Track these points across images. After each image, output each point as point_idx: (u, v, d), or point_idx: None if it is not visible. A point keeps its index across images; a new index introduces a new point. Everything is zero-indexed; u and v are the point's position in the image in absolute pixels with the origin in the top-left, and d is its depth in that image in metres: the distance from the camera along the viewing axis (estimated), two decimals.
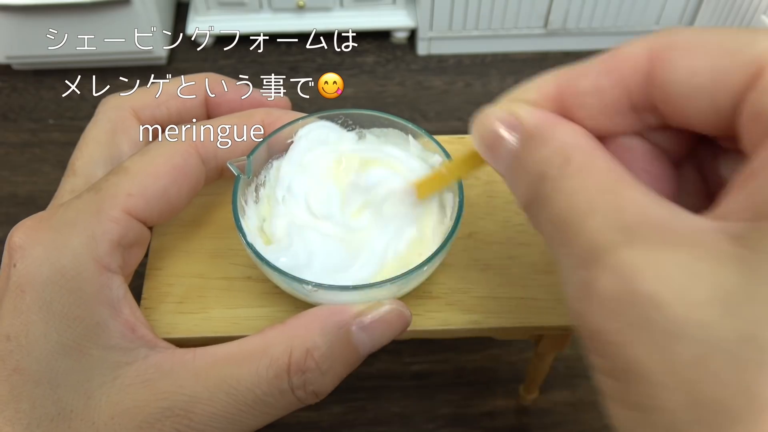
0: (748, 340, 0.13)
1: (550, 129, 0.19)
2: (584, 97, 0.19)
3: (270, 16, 0.54)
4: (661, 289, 0.14)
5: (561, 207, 0.17)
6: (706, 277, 0.14)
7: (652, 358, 0.14)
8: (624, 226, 0.16)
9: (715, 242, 0.15)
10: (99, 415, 0.23)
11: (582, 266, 0.16)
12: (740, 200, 0.15)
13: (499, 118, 0.20)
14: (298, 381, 0.24)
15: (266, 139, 0.28)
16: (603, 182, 0.17)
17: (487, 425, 0.38)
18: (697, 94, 0.17)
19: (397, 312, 0.25)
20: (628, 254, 0.15)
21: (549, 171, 0.18)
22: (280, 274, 0.24)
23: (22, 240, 0.24)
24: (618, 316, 0.15)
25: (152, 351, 0.24)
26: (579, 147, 0.18)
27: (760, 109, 0.16)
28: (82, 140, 0.29)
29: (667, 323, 0.14)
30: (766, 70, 0.16)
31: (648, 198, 0.17)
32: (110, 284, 0.25)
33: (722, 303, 0.14)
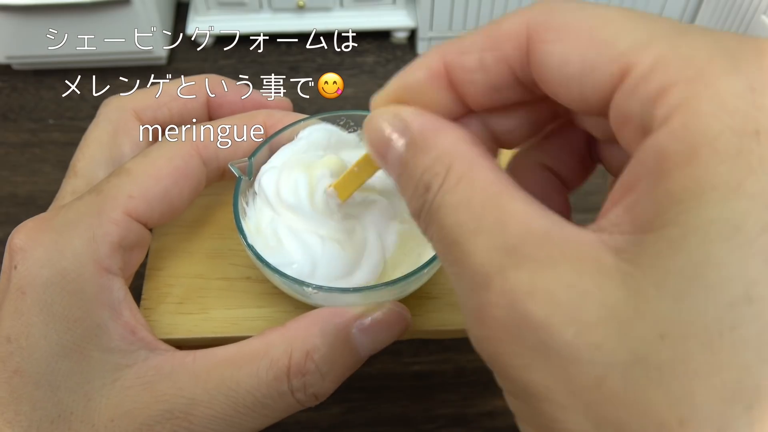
0: (639, 361, 0.13)
1: (432, 135, 0.18)
2: (470, 74, 0.19)
3: (270, 16, 0.54)
4: (551, 312, 0.15)
5: (447, 223, 0.17)
6: (593, 295, 0.14)
7: (551, 382, 0.15)
8: (509, 246, 0.16)
9: (598, 256, 0.15)
10: (99, 417, 0.23)
11: (474, 290, 0.16)
12: (619, 213, 0.15)
13: (387, 120, 0.19)
14: (297, 383, 0.24)
15: (267, 140, 0.28)
16: (486, 195, 0.17)
17: (487, 425, 0.38)
18: (568, 83, 0.17)
19: (397, 314, 0.25)
20: (515, 277, 0.15)
21: (432, 182, 0.18)
22: (281, 276, 0.24)
23: (23, 242, 0.24)
24: (513, 340, 0.15)
25: (152, 353, 0.24)
26: (460, 155, 0.18)
27: (626, 113, 0.16)
28: (84, 141, 0.29)
29: (561, 347, 0.14)
30: (631, 70, 0.16)
31: (531, 210, 0.16)
32: (111, 286, 0.25)
33: (612, 323, 0.14)
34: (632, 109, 0.15)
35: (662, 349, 0.13)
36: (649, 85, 0.15)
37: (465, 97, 0.19)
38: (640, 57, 0.15)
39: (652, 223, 0.14)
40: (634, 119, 0.16)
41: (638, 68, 0.15)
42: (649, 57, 0.15)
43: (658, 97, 0.15)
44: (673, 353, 0.13)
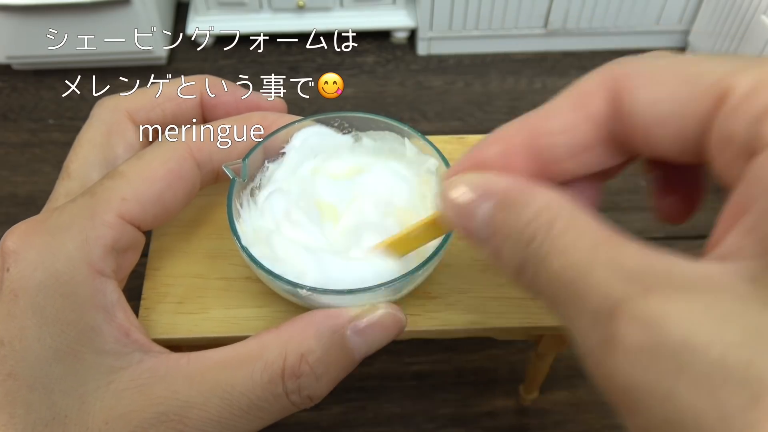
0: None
1: (528, 192, 0.18)
2: (556, 137, 0.19)
3: (270, 16, 0.54)
4: (693, 333, 0.14)
5: (558, 266, 0.17)
6: (735, 318, 0.14)
7: (699, 406, 0.14)
8: (632, 277, 0.15)
9: (732, 284, 0.14)
10: (93, 420, 0.23)
11: (599, 323, 0.16)
12: (740, 237, 0.15)
13: (469, 185, 0.19)
14: (292, 386, 0.24)
15: (262, 142, 0.28)
16: (595, 237, 0.17)
17: (487, 425, 0.38)
18: (661, 122, 0.17)
19: (392, 316, 0.25)
20: (648, 303, 0.15)
21: (537, 233, 0.17)
22: (275, 278, 0.24)
23: (15, 244, 0.24)
24: (650, 366, 0.14)
25: (146, 355, 0.24)
26: (562, 206, 0.18)
27: (728, 133, 0.16)
28: (77, 142, 0.29)
29: (708, 367, 0.14)
30: (729, 93, 0.16)
31: (643, 248, 0.16)
32: (104, 289, 0.24)
33: (760, 341, 0.13)
34: (735, 130, 0.15)
35: None
36: (752, 104, 0.15)
37: (546, 166, 0.19)
38: (737, 80, 0.15)
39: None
40: (737, 140, 0.15)
41: (738, 90, 0.15)
42: (747, 79, 0.15)
43: (765, 116, 0.15)
44: None
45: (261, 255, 0.25)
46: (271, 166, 0.29)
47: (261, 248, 0.26)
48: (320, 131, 0.29)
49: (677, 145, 0.17)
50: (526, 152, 0.19)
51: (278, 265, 0.25)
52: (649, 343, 0.14)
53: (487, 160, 0.20)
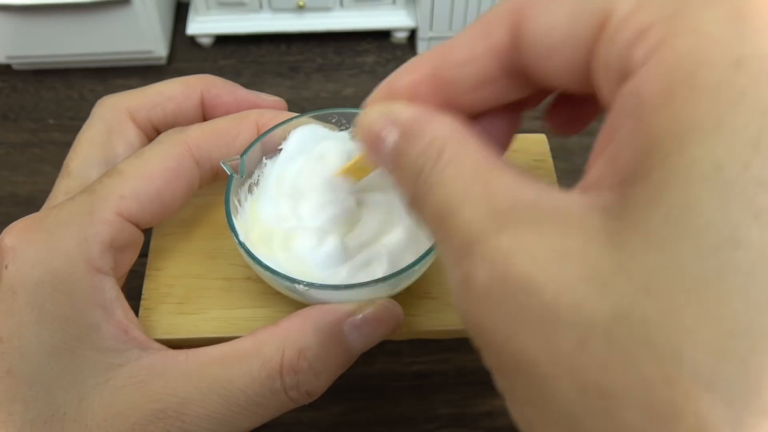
0: (622, 318, 0.12)
1: (423, 123, 0.18)
2: (459, 68, 0.18)
3: (270, 16, 0.54)
4: (533, 272, 0.14)
5: (436, 201, 0.17)
6: (576, 254, 0.13)
7: (534, 349, 0.14)
8: (495, 213, 0.15)
9: (583, 217, 0.14)
10: (92, 417, 0.23)
11: (459, 259, 0.16)
12: (602, 167, 0.15)
13: (378, 115, 0.19)
14: (290, 381, 0.24)
15: (259, 138, 0.28)
16: (475, 170, 0.16)
17: (487, 425, 0.38)
18: (553, 51, 0.16)
19: (389, 310, 0.25)
20: (498, 240, 0.15)
21: (425, 166, 0.17)
22: (272, 274, 0.24)
23: (13, 241, 0.24)
24: (496, 307, 0.14)
25: (144, 352, 0.24)
26: (451, 138, 0.17)
27: (607, 60, 0.15)
28: (77, 141, 0.29)
29: (542, 309, 0.13)
30: (611, 17, 0.15)
31: (518, 181, 0.16)
32: (102, 286, 0.25)
33: (594, 281, 0.13)
34: (611, 58, 0.15)
35: (646, 304, 0.12)
36: (627, 29, 0.14)
37: (452, 98, 0.19)
38: (619, 2, 0.15)
39: (635, 173, 0.13)
40: (613, 68, 0.15)
41: (617, 13, 0.15)
42: (628, 1, 0.15)
43: (636, 41, 0.14)
44: (658, 308, 0.12)
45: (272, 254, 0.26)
46: (268, 162, 0.29)
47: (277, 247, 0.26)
48: (313, 130, 0.29)
49: (569, 75, 0.17)
50: (433, 83, 0.19)
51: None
52: (495, 283, 0.14)
53: (399, 90, 0.20)
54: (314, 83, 0.53)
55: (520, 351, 0.14)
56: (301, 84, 0.53)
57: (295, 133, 0.29)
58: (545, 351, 0.13)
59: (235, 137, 0.28)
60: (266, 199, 0.28)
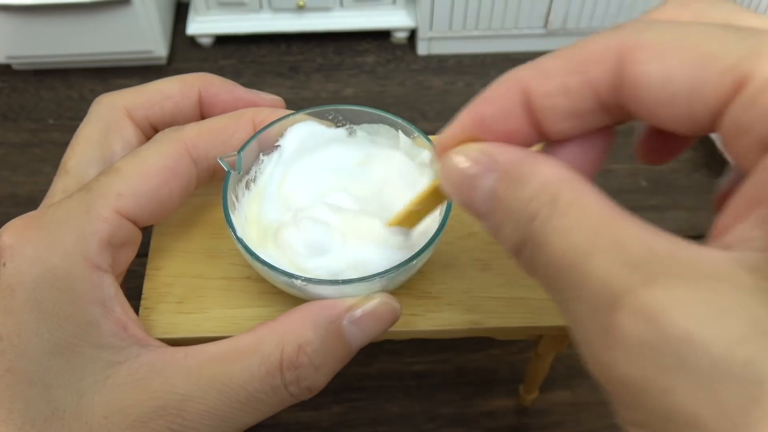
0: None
1: (530, 165, 0.18)
2: (551, 99, 0.18)
3: (270, 16, 0.54)
4: (694, 328, 0.14)
5: (559, 248, 0.16)
6: (738, 312, 0.13)
7: (698, 404, 0.13)
8: (634, 264, 0.15)
9: (736, 275, 0.14)
10: (92, 415, 0.23)
11: (598, 311, 0.15)
12: (750, 227, 0.15)
13: (470, 157, 0.19)
14: (291, 377, 0.24)
15: (256, 135, 0.28)
16: (598, 218, 0.16)
17: (487, 425, 0.38)
18: (672, 101, 0.16)
19: (387, 305, 0.25)
20: (650, 294, 0.14)
21: (539, 210, 0.17)
22: (270, 269, 0.25)
23: (11, 239, 0.24)
24: (650, 362, 0.14)
25: (144, 349, 0.24)
26: (565, 182, 0.17)
27: (745, 124, 0.15)
28: (75, 140, 0.29)
29: (708, 364, 0.13)
30: (748, 81, 0.15)
31: (648, 231, 0.16)
32: (101, 283, 0.25)
33: (760, 338, 0.13)
34: (752, 122, 0.15)
35: None
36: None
37: (543, 125, 0.18)
38: (756, 67, 0.15)
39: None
40: (754, 132, 0.15)
41: (757, 79, 0.15)
42: (767, 66, 0.14)
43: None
44: None
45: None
46: (265, 159, 0.29)
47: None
48: (309, 129, 0.29)
49: (685, 125, 0.16)
50: (523, 112, 0.19)
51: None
52: (650, 337, 0.14)
53: (487, 118, 0.19)
54: (314, 83, 0.53)
55: (680, 405, 0.14)
56: (301, 84, 0.53)
57: (293, 130, 0.29)
58: (712, 406, 0.13)
59: (231, 135, 0.28)
60: (269, 202, 0.28)
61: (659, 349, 0.14)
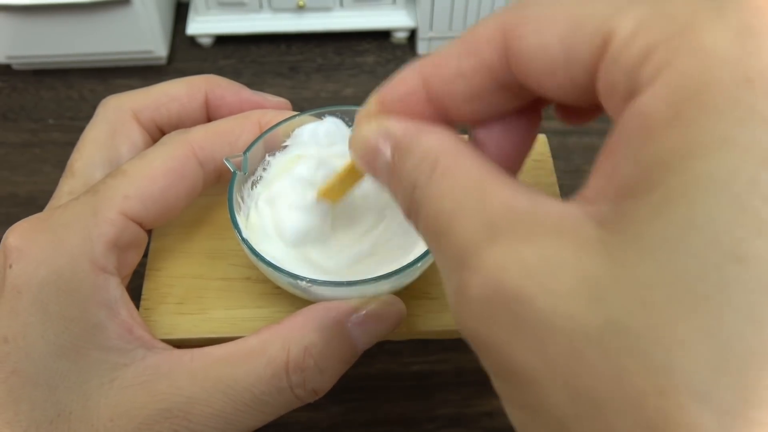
0: (615, 328, 0.13)
1: (416, 136, 0.18)
2: (450, 85, 0.18)
3: (270, 16, 0.54)
4: (526, 283, 0.14)
5: (430, 213, 0.17)
6: (570, 265, 0.14)
7: (528, 357, 0.14)
8: (489, 223, 0.15)
9: (579, 228, 0.14)
10: (98, 417, 0.23)
11: (453, 271, 0.16)
12: (602, 180, 0.15)
13: (372, 130, 0.19)
14: (297, 379, 0.24)
15: (262, 135, 0.28)
16: (469, 181, 0.16)
17: (487, 425, 0.38)
18: (549, 71, 0.16)
19: (392, 306, 0.25)
20: (492, 252, 0.15)
21: (419, 178, 0.17)
22: (275, 270, 0.25)
23: (17, 241, 0.24)
24: (490, 318, 0.15)
25: (149, 352, 0.24)
26: (444, 150, 0.18)
27: (611, 82, 0.15)
28: (81, 141, 0.29)
29: (535, 319, 0.14)
30: (611, 38, 0.15)
31: (514, 190, 0.16)
32: (107, 285, 0.25)
33: (587, 291, 0.13)
34: (617, 79, 0.15)
35: (642, 317, 0.12)
36: (631, 50, 0.14)
37: (446, 110, 0.19)
38: (618, 23, 0.15)
39: (636, 188, 0.13)
40: (619, 89, 0.15)
41: (619, 35, 0.15)
42: (630, 21, 0.14)
43: (642, 62, 0.14)
44: (654, 320, 0.12)
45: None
46: (272, 159, 0.29)
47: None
48: (335, 123, 0.29)
49: (569, 93, 0.17)
50: (425, 96, 0.19)
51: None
52: (489, 294, 0.15)
53: (393, 102, 0.20)
54: (314, 83, 0.53)
55: (515, 358, 0.14)
56: (301, 84, 0.53)
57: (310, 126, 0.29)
58: (539, 359, 0.14)
59: (238, 137, 0.28)
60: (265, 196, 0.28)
61: (496, 305, 0.14)
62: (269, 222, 0.27)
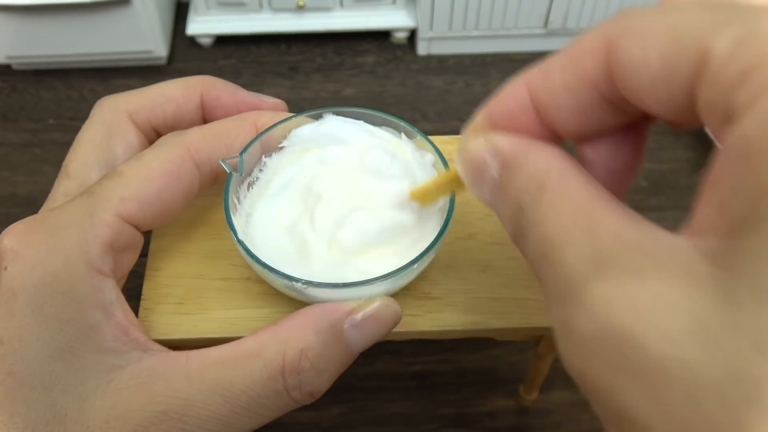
0: (735, 378, 0.12)
1: (523, 155, 0.18)
2: (555, 97, 0.18)
3: (270, 16, 0.54)
4: (636, 323, 0.13)
5: (538, 239, 0.16)
6: (682, 306, 0.13)
7: (641, 404, 0.13)
8: (597, 255, 0.15)
9: (690, 264, 0.13)
10: (94, 419, 0.23)
11: (561, 303, 0.15)
12: (711, 213, 0.14)
13: (480, 145, 0.19)
14: (293, 382, 0.24)
15: (259, 136, 0.28)
16: (577, 207, 0.16)
17: (487, 425, 0.38)
18: (653, 86, 0.16)
19: (388, 308, 0.25)
20: (600, 287, 0.14)
21: (525, 200, 0.17)
22: (271, 272, 0.25)
23: (13, 243, 0.24)
24: (598, 358, 0.14)
25: (145, 354, 0.24)
26: (552, 171, 0.17)
27: (710, 102, 0.15)
28: (77, 142, 0.29)
29: (647, 363, 0.13)
30: (709, 57, 0.14)
31: (622, 219, 0.15)
32: (102, 287, 0.24)
33: (703, 336, 0.13)
34: (716, 100, 0.14)
35: (760, 365, 0.12)
36: (729, 71, 0.14)
37: (554, 124, 0.18)
38: (716, 41, 0.14)
39: (746, 223, 0.13)
40: (719, 110, 0.14)
41: (716, 54, 0.14)
42: (726, 40, 0.14)
43: (740, 83, 0.13)
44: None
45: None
46: (268, 161, 0.29)
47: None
48: (312, 127, 0.29)
49: (670, 109, 0.16)
50: (531, 111, 0.19)
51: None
52: (597, 333, 0.14)
53: (501, 114, 0.19)
54: (314, 83, 0.53)
55: (627, 404, 0.14)
56: (301, 84, 0.53)
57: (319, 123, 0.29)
58: (653, 406, 0.13)
59: (234, 139, 0.28)
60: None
61: (605, 345, 0.14)
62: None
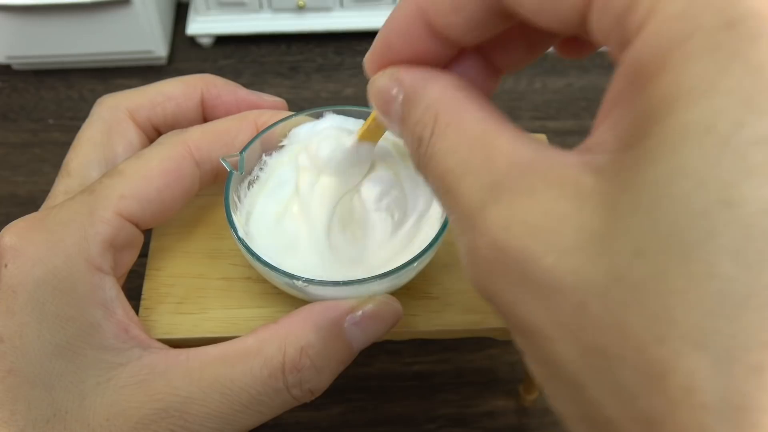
0: (616, 281, 0.13)
1: (421, 87, 0.18)
2: (447, 17, 0.18)
3: (270, 16, 0.54)
4: (529, 241, 0.14)
5: (438, 172, 0.17)
6: (570, 219, 0.14)
7: (538, 315, 0.14)
8: (494, 182, 0.15)
9: (578, 179, 0.14)
10: (94, 417, 0.23)
11: (464, 233, 0.16)
12: (603, 131, 0.15)
13: (385, 80, 0.19)
14: (293, 379, 0.24)
15: (259, 135, 0.28)
16: (472, 136, 0.16)
17: (487, 425, 0.38)
18: (541, 6, 0.16)
19: (389, 306, 0.25)
20: (496, 211, 0.15)
21: (423, 134, 0.17)
22: (271, 270, 0.25)
23: (13, 240, 0.24)
24: (500, 278, 0.15)
25: (146, 351, 0.24)
26: (446, 101, 0.17)
27: (604, 30, 0.15)
28: (77, 141, 0.29)
29: (541, 277, 0.14)
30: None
31: (517, 142, 0.16)
32: (103, 285, 0.25)
33: (589, 245, 0.13)
34: (609, 25, 0.15)
35: (638, 267, 0.13)
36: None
37: (450, 39, 0.19)
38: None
39: (632, 138, 0.14)
40: (613, 36, 0.15)
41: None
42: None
43: (630, 8, 0.14)
44: (648, 270, 0.12)
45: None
46: (268, 159, 0.29)
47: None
48: (311, 127, 0.29)
49: (565, 29, 0.16)
50: (426, 33, 0.19)
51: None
52: (496, 255, 0.15)
53: (397, 38, 0.20)
54: (314, 83, 0.53)
55: (526, 316, 0.14)
56: (301, 84, 0.53)
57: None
58: (548, 315, 0.14)
59: (234, 137, 0.28)
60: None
61: (504, 265, 0.15)
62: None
